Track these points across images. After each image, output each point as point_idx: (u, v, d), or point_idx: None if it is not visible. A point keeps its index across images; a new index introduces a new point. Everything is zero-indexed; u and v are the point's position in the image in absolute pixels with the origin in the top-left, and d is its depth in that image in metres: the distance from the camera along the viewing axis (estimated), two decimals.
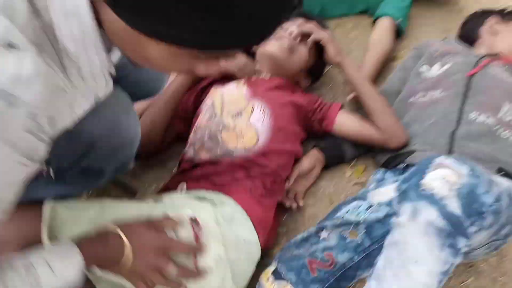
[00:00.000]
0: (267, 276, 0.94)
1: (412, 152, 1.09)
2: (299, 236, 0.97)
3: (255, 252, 0.94)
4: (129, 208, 0.85)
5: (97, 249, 0.70)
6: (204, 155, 1.08)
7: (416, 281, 0.71)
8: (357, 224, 0.90)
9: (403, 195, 0.75)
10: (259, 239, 0.94)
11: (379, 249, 0.81)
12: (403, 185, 0.76)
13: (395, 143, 1.15)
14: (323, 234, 0.93)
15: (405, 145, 1.15)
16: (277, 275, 0.93)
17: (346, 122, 1.20)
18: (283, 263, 0.94)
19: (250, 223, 0.93)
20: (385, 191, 0.94)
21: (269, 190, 1.03)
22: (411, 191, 0.74)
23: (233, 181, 1.01)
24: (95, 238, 0.72)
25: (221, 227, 0.87)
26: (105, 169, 0.81)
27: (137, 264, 0.72)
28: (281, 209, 1.15)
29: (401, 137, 1.15)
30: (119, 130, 0.77)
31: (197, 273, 0.80)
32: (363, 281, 0.95)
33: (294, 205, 1.16)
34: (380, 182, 1.03)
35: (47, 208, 0.77)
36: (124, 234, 0.72)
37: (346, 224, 0.92)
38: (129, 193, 1.20)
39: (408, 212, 0.73)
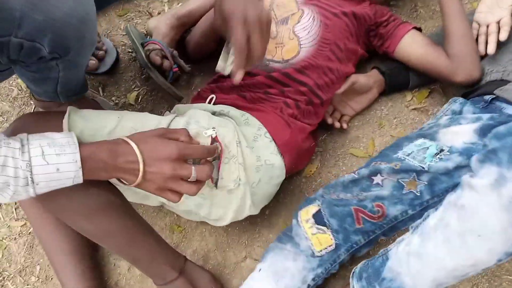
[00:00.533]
0: (307, 216, 0.84)
1: (505, 82, 0.89)
2: (348, 177, 0.84)
3: (279, 176, 0.88)
4: (149, 120, 0.79)
5: (103, 152, 0.65)
6: None
7: (472, 255, 0.61)
8: (420, 172, 0.75)
9: (490, 155, 0.59)
10: (284, 162, 0.87)
11: (438, 203, 0.68)
12: (494, 141, 0.59)
13: (463, 76, 0.97)
14: (377, 179, 0.79)
15: (476, 82, 0.97)
16: (318, 218, 0.83)
17: (410, 45, 1.02)
18: (327, 205, 0.83)
19: (274, 145, 0.86)
20: (460, 130, 0.77)
21: (303, 110, 0.94)
22: (503, 153, 0.57)
23: (264, 97, 0.93)
24: (104, 142, 0.68)
25: (242, 148, 0.81)
26: (46, 48, 0.72)
27: (154, 176, 0.67)
28: (320, 127, 1.04)
29: (472, 70, 0.97)
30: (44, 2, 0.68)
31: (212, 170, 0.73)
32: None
33: (337, 124, 1.05)
34: (456, 116, 0.85)
35: (66, 119, 0.74)
36: (136, 144, 0.66)
37: (407, 170, 0.77)
38: (175, 98, 1.15)
39: (492, 177, 0.58)
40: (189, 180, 0.68)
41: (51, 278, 1.07)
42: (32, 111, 1.23)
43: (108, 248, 0.85)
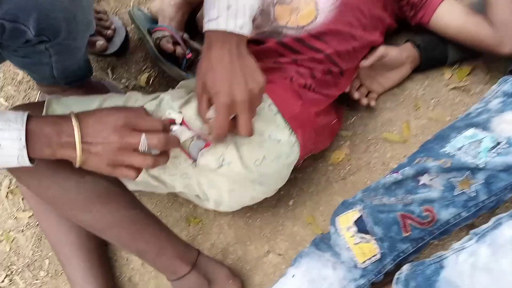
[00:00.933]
0: (348, 223, 0.75)
1: None
2: (390, 178, 0.74)
3: (288, 154, 0.78)
4: (130, 100, 0.75)
5: (46, 126, 0.58)
6: (251, 33, 0.90)
7: None
8: (474, 170, 0.65)
9: None
10: (297, 138, 0.78)
11: (496, 202, 0.58)
12: None
13: (510, 47, 0.86)
14: (424, 179, 0.69)
15: None
16: (361, 225, 0.74)
17: (447, 15, 0.91)
18: (369, 211, 0.74)
19: (281, 118, 0.77)
20: None
21: (319, 80, 0.84)
22: None
23: (274, 66, 0.83)
24: (52, 116, 0.63)
25: None
26: (31, 30, 0.65)
27: (101, 148, 0.59)
28: (348, 108, 0.95)
29: None
30: None
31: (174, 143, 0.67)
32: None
33: (364, 101, 0.95)
34: (510, 100, 0.73)
35: (44, 111, 0.69)
36: (78, 117, 0.60)
37: (459, 169, 0.66)
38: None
39: None
40: (143, 151, 0.61)
41: (61, 273, 1.01)
42: (37, 96, 1.16)
43: (111, 241, 0.79)
